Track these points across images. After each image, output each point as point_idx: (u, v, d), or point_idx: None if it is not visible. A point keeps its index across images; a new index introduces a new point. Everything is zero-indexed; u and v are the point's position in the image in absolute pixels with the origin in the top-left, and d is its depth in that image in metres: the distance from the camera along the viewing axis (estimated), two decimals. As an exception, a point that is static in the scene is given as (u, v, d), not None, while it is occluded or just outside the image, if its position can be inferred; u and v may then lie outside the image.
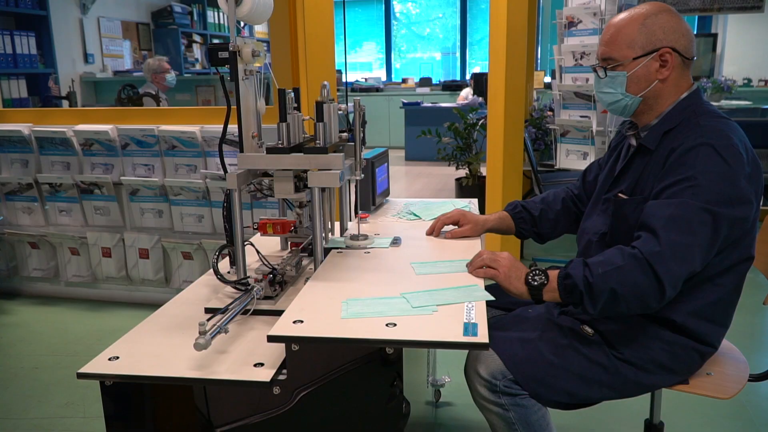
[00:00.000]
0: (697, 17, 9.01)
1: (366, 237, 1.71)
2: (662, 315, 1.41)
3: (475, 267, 1.45)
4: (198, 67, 7.92)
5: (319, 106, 1.50)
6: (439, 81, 10.64)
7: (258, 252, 1.53)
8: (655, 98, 1.46)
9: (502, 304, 1.69)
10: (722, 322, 1.46)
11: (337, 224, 1.87)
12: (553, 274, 1.36)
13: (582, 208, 1.76)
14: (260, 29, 7.94)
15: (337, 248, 1.69)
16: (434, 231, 1.77)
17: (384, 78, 11.53)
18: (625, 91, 1.46)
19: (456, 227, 1.77)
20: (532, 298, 1.39)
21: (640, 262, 1.28)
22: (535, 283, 1.37)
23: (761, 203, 1.41)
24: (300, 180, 1.52)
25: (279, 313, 1.26)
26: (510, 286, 1.40)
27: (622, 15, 1.46)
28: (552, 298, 1.37)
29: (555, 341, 1.43)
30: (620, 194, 1.49)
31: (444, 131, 5.39)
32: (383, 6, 11.44)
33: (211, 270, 1.51)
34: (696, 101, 1.45)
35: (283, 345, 1.17)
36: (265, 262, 1.46)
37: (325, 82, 1.62)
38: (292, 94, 1.57)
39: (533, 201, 1.82)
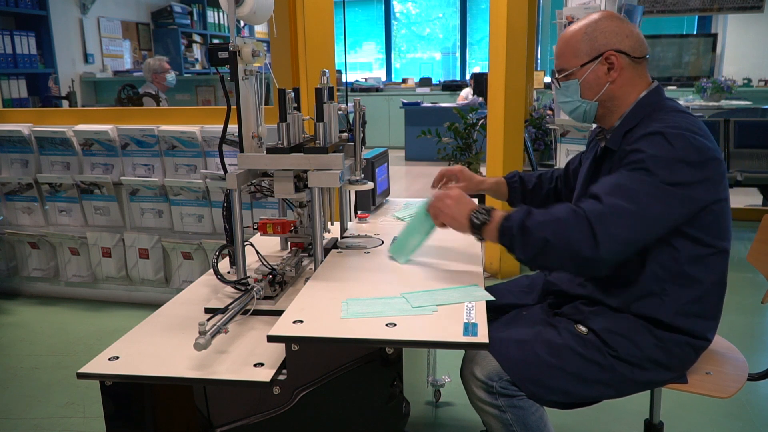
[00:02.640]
0: (697, 17, 9.02)
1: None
2: (650, 315, 1.42)
3: (431, 206, 1.52)
4: (198, 67, 7.92)
5: (319, 93, 1.49)
6: (439, 81, 10.63)
7: (257, 252, 1.53)
8: (612, 100, 1.49)
9: (496, 305, 1.68)
10: (712, 316, 1.46)
11: (337, 224, 1.87)
12: (498, 214, 1.40)
13: (568, 194, 1.81)
14: (260, 29, 7.94)
15: (337, 248, 1.69)
16: (437, 184, 1.83)
17: (384, 78, 11.53)
18: (581, 97, 1.51)
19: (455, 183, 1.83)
20: (473, 235, 1.44)
21: (578, 218, 1.31)
22: (477, 222, 1.41)
23: (726, 198, 1.41)
24: (300, 180, 1.53)
25: (279, 313, 1.26)
26: (453, 223, 1.46)
27: (569, 28, 1.52)
28: (492, 238, 1.40)
29: (550, 341, 1.43)
30: None
31: (444, 131, 5.39)
32: (383, 6, 11.44)
33: (211, 270, 1.51)
34: (656, 98, 1.48)
35: (283, 345, 1.17)
36: (265, 263, 1.47)
37: (325, 70, 1.61)
38: (292, 94, 1.57)
39: (531, 174, 1.88)
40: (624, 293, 1.44)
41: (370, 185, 1.63)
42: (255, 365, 1.18)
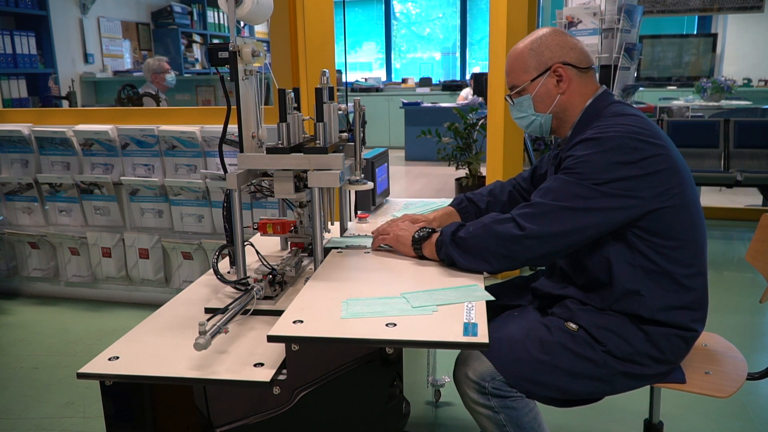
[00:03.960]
0: (697, 17, 9.02)
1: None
2: (632, 312, 1.42)
3: (374, 244, 1.66)
4: (198, 67, 7.91)
5: (319, 93, 1.49)
6: (439, 81, 10.64)
7: (258, 252, 1.53)
8: (564, 111, 1.55)
9: (490, 305, 1.67)
10: (696, 307, 1.45)
11: (337, 224, 1.87)
12: (436, 234, 1.54)
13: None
14: (260, 29, 7.94)
15: (337, 248, 1.69)
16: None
17: (384, 78, 11.53)
18: (534, 111, 1.57)
19: None
20: (415, 252, 1.57)
21: (506, 219, 1.43)
22: (416, 236, 1.56)
23: (683, 191, 1.41)
24: (300, 180, 1.53)
25: (279, 313, 1.26)
26: (399, 245, 1.60)
27: (516, 45, 1.58)
28: (430, 252, 1.54)
29: (541, 339, 1.44)
30: None
31: (444, 131, 5.39)
32: (383, 6, 11.44)
33: (211, 270, 1.51)
34: (601, 104, 1.51)
35: (283, 345, 1.18)
36: (265, 263, 1.47)
37: (325, 70, 1.61)
38: (292, 94, 1.57)
39: (480, 193, 1.86)
40: (602, 295, 1.45)
41: (370, 185, 1.64)
42: (255, 365, 1.18)
